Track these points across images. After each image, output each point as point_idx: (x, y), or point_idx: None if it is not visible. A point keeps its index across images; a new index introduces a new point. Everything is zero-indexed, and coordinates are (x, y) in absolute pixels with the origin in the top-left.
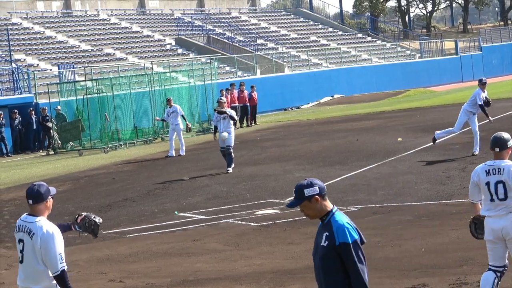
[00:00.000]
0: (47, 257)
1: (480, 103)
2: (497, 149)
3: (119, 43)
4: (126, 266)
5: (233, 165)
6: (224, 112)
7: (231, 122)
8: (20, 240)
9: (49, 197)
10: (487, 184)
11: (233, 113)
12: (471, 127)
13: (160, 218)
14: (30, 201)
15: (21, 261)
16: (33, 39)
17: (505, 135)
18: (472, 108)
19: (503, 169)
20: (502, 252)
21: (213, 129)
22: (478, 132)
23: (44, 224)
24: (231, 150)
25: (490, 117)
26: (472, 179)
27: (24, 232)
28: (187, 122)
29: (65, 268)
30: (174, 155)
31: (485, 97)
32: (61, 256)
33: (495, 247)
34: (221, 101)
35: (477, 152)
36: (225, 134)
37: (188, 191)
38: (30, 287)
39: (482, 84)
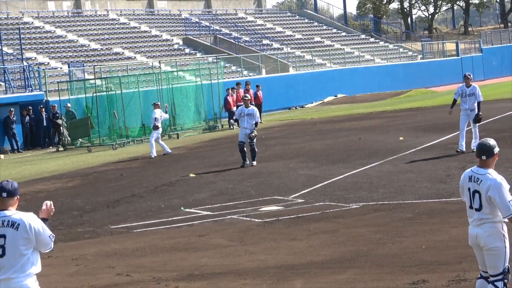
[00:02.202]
0: (41, 240)
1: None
2: (483, 157)
3: (128, 42)
4: (133, 260)
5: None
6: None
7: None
8: (0, 236)
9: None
10: (469, 190)
11: (258, 116)
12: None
13: (166, 214)
14: (5, 194)
15: (1, 255)
16: (44, 38)
17: (491, 141)
18: (462, 105)
19: (481, 180)
20: (483, 258)
21: (234, 121)
22: (477, 128)
23: (23, 214)
24: (254, 146)
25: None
26: (460, 182)
27: (4, 227)
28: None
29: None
30: (170, 151)
31: (464, 92)
32: (51, 235)
33: (476, 252)
34: (246, 98)
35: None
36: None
37: (194, 187)
38: (14, 277)
39: (464, 79)
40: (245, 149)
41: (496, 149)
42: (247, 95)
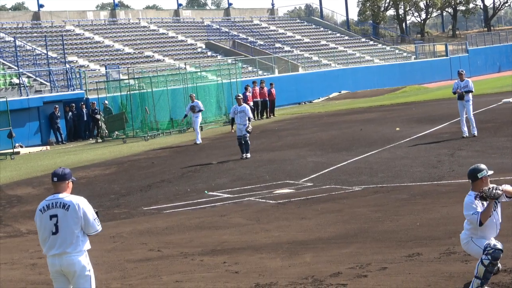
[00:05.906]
0: (88, 220)
1: (453, 91)
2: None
3: (157, 46)
4: (163, 238)
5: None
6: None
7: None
8: (53, 216)
9: (71, 179)
10: None
11: (250, 113)
12: (467, 114)
13: (192, 197)
14: (55, 179)
15: (55, 233)
16: (84, 43)
17: (478, 166)
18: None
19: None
20: None
21: (230, 121)
22: (473, 117)
23: (73, 197)
24: (248, 139)
25: (461, 91)
26: None
27: (56, 208)
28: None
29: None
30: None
31: (459, 86)
32: (95, 218)
33: None
34: (238, 97)
35: (475, 133)
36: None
37: (216, 173)
38: (66, 252)
39: (458, 75)
40: (243, 142)
41: (481, 174)
42: (240, 94)
